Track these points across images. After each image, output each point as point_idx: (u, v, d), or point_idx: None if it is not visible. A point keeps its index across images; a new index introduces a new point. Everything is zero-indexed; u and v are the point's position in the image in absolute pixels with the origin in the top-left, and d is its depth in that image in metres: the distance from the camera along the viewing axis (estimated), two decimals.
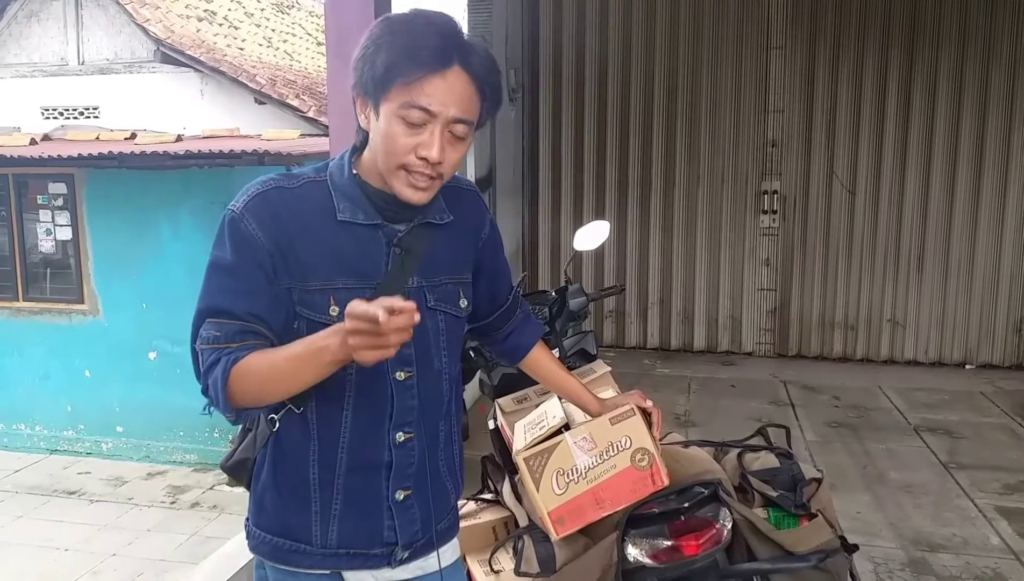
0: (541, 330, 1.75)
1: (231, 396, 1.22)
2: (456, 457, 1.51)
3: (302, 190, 1.31)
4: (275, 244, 1.26)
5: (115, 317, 6.27)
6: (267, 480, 1.38)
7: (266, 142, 6.15)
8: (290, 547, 1.37)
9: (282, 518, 1.37)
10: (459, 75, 1.23)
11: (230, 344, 1.23)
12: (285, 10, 12.78)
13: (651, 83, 6.79)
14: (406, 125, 1.22)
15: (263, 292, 1.26)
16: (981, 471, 4.35)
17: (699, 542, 1.80)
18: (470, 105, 1.25)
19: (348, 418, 1.33)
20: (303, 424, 1.33)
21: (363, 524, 1.37)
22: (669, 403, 5.42)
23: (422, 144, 1.23)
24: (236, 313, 1.24)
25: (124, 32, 9.13)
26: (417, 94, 1.20)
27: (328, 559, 1.36)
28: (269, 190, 1.29)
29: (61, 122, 9.05)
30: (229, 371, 1.20)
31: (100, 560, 4.68)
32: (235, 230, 1.26)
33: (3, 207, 6.49)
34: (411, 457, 1.38)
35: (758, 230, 6.75)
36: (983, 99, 6.24)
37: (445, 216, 1.39)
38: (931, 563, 3.38)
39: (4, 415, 6.58)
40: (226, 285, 1.26)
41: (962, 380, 6.14)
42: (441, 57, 1.21)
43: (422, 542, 1.42)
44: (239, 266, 1.26)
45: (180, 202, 5.98)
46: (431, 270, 1.38)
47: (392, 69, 1.20)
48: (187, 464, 6.15)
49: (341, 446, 1.33)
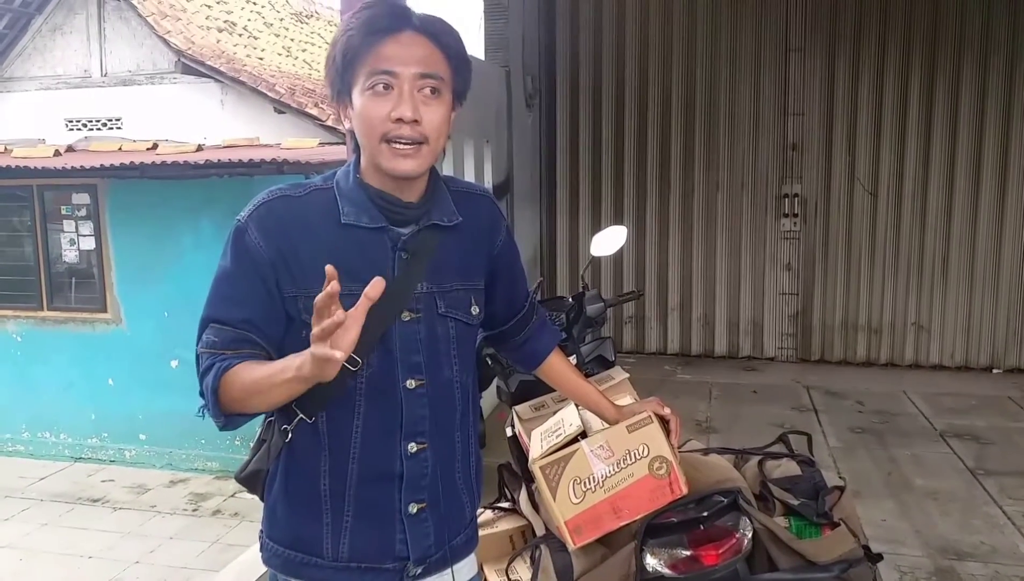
0: (558, 337, 1.73)
1: (220, 402, 1.24)
2: (473, 469, 1.47)
3: (308, 198, 1.32)
4: (277, 253, 1.27)
5: (138, 326, 6.33)
6: (279, 491, 1.37)
7: (285, 151, 6.19)
8: (301, 560, 1.35)
9: (293, 530, 1.36)
10: (413, 36, 1.26)
11: (225, 351, 1.25)
12: (304, 20, 12.88)
13: (669, 86, 6.76)
14: (376, 97, 1.25)
15: (260, 302, 1.28)
16: (1010, 477, 4.27)
17: (719, 552, 1.78)
18: (433, 61, 1.27)
19: (359, 428, 1.32)
20: (314, 435, 1.32)
21: (375, 537, 1.34)
22: (690, 409, 5.37)
23: (394, 108, 1.24)
24: (232, 321, 1.27)
25: (146, 44, 9.24)
26: (376, 62, 1.24)
27: (340, 573, 1.35)
28: (274, 200, 1.31)
29: (85, 133, 9.16)
30: (219, 378, 1.23)
31: (123, 567, 4.71)
32: (238, 241, 1.29)
33: (28, 218, 6.58)
34: (424, 468, 1.36)
35: (779, 234, 6.69)
36: (1008, 101, 6.14)
37: (453, 218, 1.37)
38: (959, 572, 3.31)
39: (29, 423, 6.66)
40: (225, 294, 1.29)
41: (989, 385, 6.04)
42: (392, 23, 1.25)
43: (436, 557, 1.39)
44: (238, 276, 1.28)
45: (201, 211, 6.03)
46: (441, 275, 1.36)
47: (349, 52, 1.25)
48: (209, 472, 6.19)
49: (352, 457, 1.32)
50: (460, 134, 5.08)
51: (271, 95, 8.69)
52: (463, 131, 5.15)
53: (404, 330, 1.32)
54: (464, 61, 1.32)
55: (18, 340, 6.65)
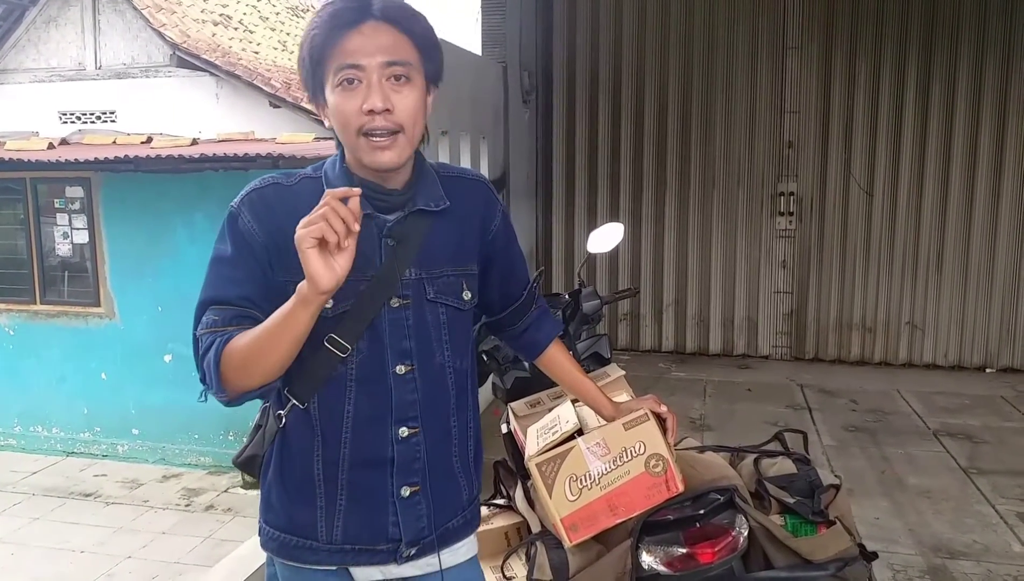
0: (558, 328, 1.72)
1: (223, 376, 1.25)
2: (471, 453, 1.49)
3: (299, 186, 1.36)
4: (269, 237, 1.31)
5: (131, 320, 6.30)
6: (274, 477, 1.40)
7: (281, 145, 6.17)
8: (296, 543, 1.38)
9: (288, 514, 1.39)
10: (376, 26, 1.27)
11: (227, 327, 1.27)
12: (300, 14, 12.84)
13: (665, 84, 6.75)
14: (345, 92, 1.27)
15: (257, 281, 1.31)
16: (1002, 476, 4.29)
17: (715, 550, 1.78)
18: (398, 48, 1.27)
19: (350, 413, 1.34)
20: (307, 420, 1.35)
21: (368, 520, 1.37)
22: (684, 407, 5.38)
23: (364, 100, 1.26)
24: (232, 300, 1.30)
25: (141, 37, 9.20)
26: (342, 56, 1.26)
27: (334, 555, 1.38)
28: (266, 187, 1.35)
29: (78, 126, 9.11)
30: (221, 350, 1.24)
31: (116, 562, 4.70)
32: (232, 224, 1.32)
33: (21, 211, 6.54)
34: (416, 452, 1.37)
35: (774, 232, 6.70)
36: (1003, 100, 6.15)
37: (440, 202, 1.38)
38: (951, 570, 3.33)
39: (21, 417, 6.63)
40: (224, 274, 1.32)
41: (982, 384, 6.06)
42: (353, 15, 1.26)
43: (430, 539, 1.41)
44: (235, 257, 1.31)
45: (195, 205, 6.00)
46: (430, 261, 1.37)
47: (315, 50, 1.27)
48: (202, 467, 6.17)
49: (344, 441, 1.35)
50: (456, 130, 5.07)
51: (267, 89, 8.68)
52: (459, 127, 5.13)
53: (393, 316, 1.34)
54: (432, 43, 1.33)
55: (10, 334, 6.62)
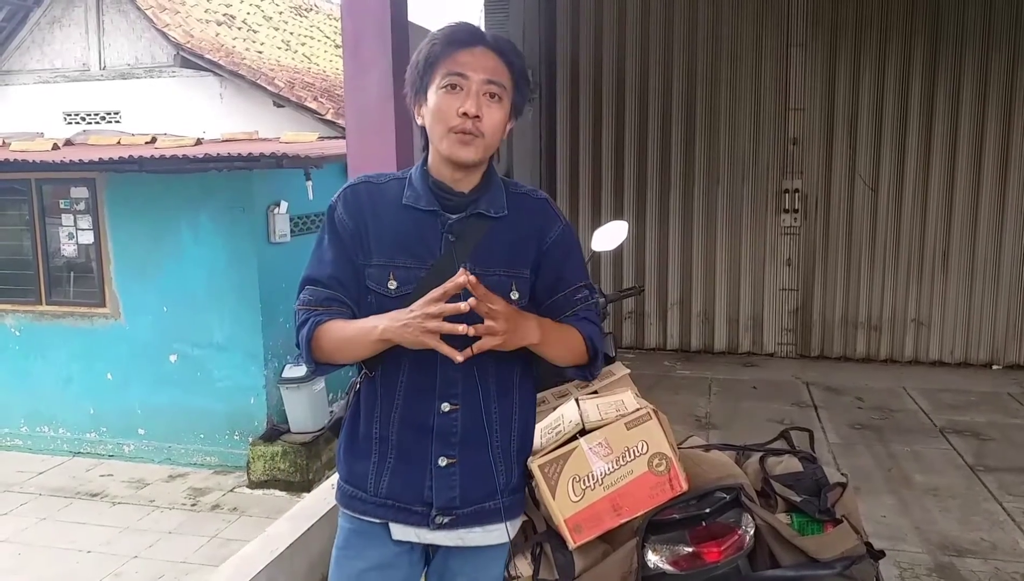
0: (590, 328, 1.59)
1: (313, 352, 1.51)
2: (514, 445, 1.59)
3: (386, 186, 1.58)
4: (356, 226, 1.54)
5: (136, 320, 6.32)
6: (345, 434, 1.62)
7: (285, 145, 6.17)
8: (352, 492, 1.59)
9: (349, 466, 1.60)
10: (485, 51, 1.51)
11: (318, 307, 1.52)
12: (303, 13, 12.84)
13: (670, 81, 6.73)
14: (448, 93, 1.48)
15: (345, 265, 1.54)
16: (1009, 474, 4.27)
17: (721, 548, 1.77)
18: (499, 72, 1.50)
19: (403, 384, 1.54)
20: (373, 387, 1.57)
21: (408, 480, 1.55)
22: (690, 405, 5.37)
23: (462, 104, 1.47)
24: (322, 279, 1.54)
25: (144, 37, 9.21)
26: (452, 65, 1.48)
27: (379, 508, 1.56)
28: (360, 184, 1.59)
29: (83, 127, 9.15)
30: (312, 332, 1.50)
31: (122, 562, 4.71)
32: (330, 216, 1.57)
33: (26, 212, 6.56)
34: (454, 426, 1.53)
35: (779, 229, 6.67)
36: (1009, 96, 6.11)
37: (500, 210, 1.56)
38: (959, 568, 3.31)
39: (28, 418, 6.66)
40: (320, 257, 1.57)
41: (989, 381, 6.03)
42: (470, 38, 1.51)
43: (464, 513, 1.55)
44: (329, 244, 1.56)
45: (200, 205, 6.01)
46: (484, 260, 1.52)
47: (431, 56, 1.50)
48: (208, 466, 6.18)
49: (395, 406, 1.55)
50: None
51: (270, 89, 8.68)
52: None
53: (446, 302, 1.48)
54: (525, 80, 1.56)
55: (16, 334, 6.64)
